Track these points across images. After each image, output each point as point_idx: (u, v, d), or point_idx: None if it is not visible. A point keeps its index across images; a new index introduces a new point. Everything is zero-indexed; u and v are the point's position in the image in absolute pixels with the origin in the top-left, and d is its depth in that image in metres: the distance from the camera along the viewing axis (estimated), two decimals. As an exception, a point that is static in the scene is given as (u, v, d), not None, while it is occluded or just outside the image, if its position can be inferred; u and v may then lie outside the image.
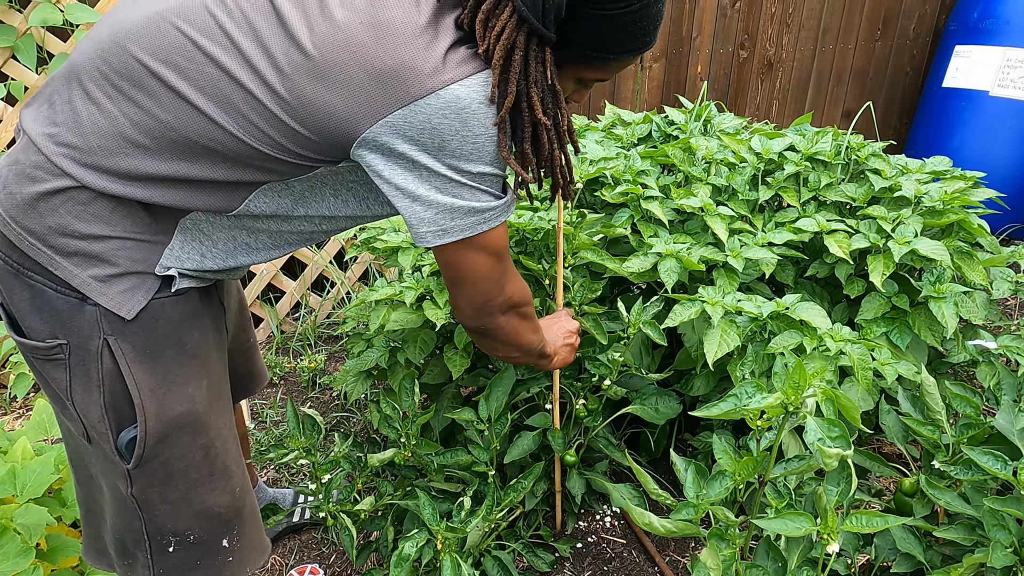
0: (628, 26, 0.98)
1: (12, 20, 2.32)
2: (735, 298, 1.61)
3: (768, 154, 1.94)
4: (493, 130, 0.96)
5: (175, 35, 0.95)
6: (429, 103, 0.91)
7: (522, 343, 1.24)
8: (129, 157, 0.97)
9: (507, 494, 1.59)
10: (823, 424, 0.93)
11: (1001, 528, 1.22)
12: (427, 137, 0.93)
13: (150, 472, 1.09)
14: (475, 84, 0.93)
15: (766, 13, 3.48)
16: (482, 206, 1.00)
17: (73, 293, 1.01)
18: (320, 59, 0.91)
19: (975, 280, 1.75)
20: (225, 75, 0.94)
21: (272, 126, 0.95)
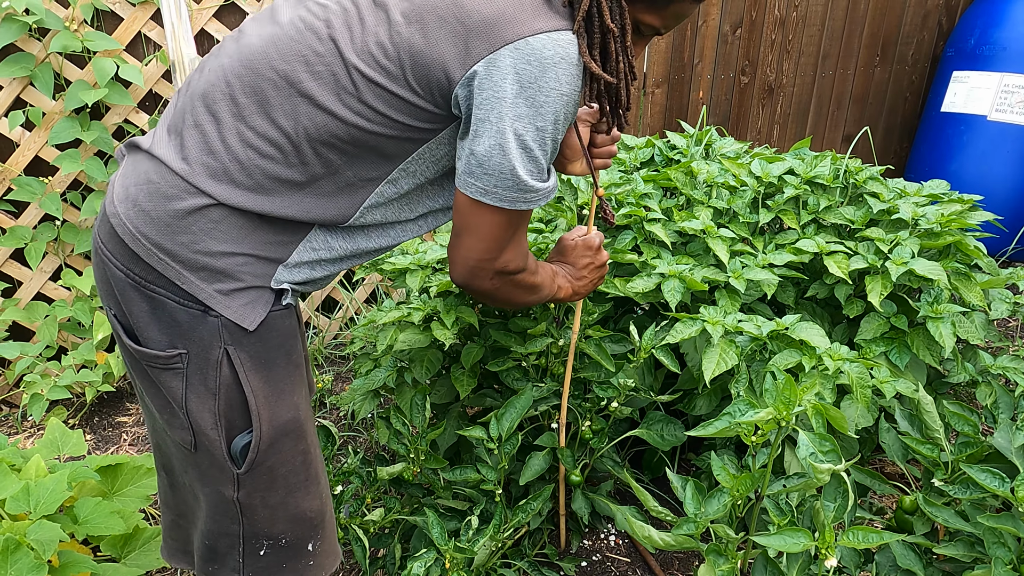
0: None
1: (31, 48, 2.38)
2: (736, 318, 1.64)
3: (768, 178, 1.98)
4: (566, 92, 1.02)
5: (290, 43, 1.05)
6: (518, 48, 0.98)
7: (515, 302, 1.28)
8: (259, 170, 1.05)
9: (515, 514, 1.61)
10: (815, 439, 0.95)
11: (1001, 545, 1.24)
12: (510, 81, 0.99)
13: (257, 476, 1.15)
14: (561, 39, 1.01)
15: (766, 40, 3.54)
16: (531, 184, 1.05)
17: (197, 305, 1.07)
18: (416, 11, 1.01)
19: (972, 301, 1.78)
20: (338, 58, 1.03)
21: (382, 100, 1.03)
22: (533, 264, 1.26)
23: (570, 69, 1.02)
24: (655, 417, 1.75)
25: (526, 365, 1.76)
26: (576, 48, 1.03)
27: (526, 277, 1.24)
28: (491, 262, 1.14)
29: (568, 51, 1.02)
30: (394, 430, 1.67)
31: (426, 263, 1.85)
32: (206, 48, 2.68)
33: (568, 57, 1.02)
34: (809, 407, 0.97)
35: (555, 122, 1.04)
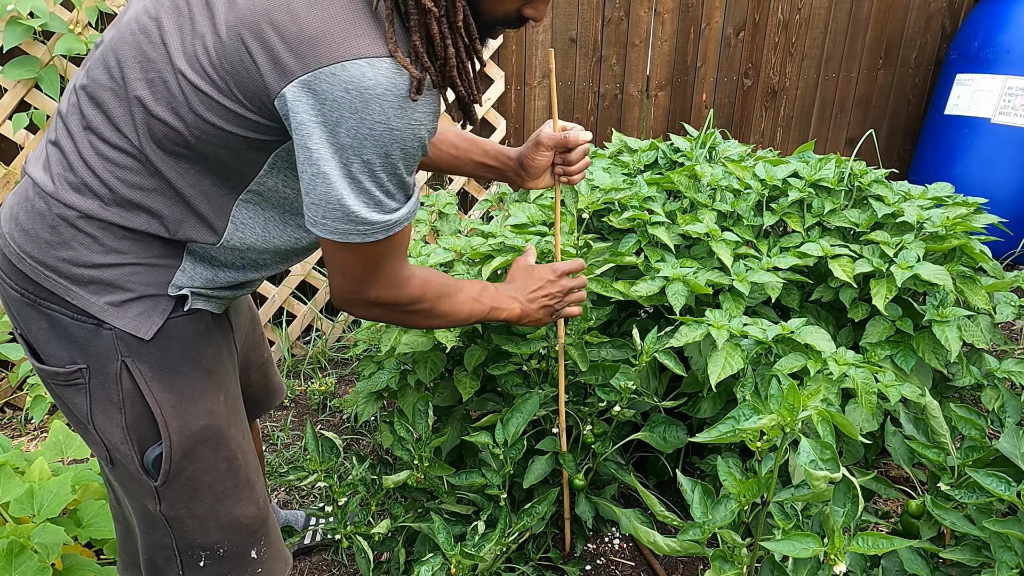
0: None
1: (36, 51, 2.39)
2: (741, 321, 1.64)
3: (772, 181, 1.98)
4: (396, 126, 0.91)
5: (124, 47, 0.98)
6: (335, 73, 0.87)
7: (418, 325, 1.24)
8: (118, 182, 0.99)
9: (520, 519, 1.61)
10: (816, 446, 0.95)
11: (1007, 550, 1.23)
12: (327, 108, 0.89)
13: (177, 487, 1.11)
14: (383, 67, 0.88)
15: (769, 43, 3.54)
16: (365, 216, 0.96)
17: (90, 320, 1.03)
18: (240, 16, 0.91)
19: (978, 304, 1.78)
20: (168, 64, 0.95)
21: (213, 111, 0.94)
22: (425, 291, 1.16)
23: (398, 102, 0.90)
24: (657, 420, 1.75)
25: (527, 369, 1.75)
26: (406, 77, 0.91)
27: (414, 306, 1.16)
28: (358, 294, 1.08)
29: (395, 82, 0.89)
30: (398, 436, 1.66)
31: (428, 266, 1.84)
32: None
33: (395, 88, 0.89)
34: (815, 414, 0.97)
35: (386, 156, 0.93)
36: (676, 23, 3.35)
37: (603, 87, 3.35)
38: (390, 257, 1.05)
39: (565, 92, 3.30)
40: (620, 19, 3.26)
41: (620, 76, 3.36)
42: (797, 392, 0.93)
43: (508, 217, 1.98)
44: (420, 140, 0.95)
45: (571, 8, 3.17)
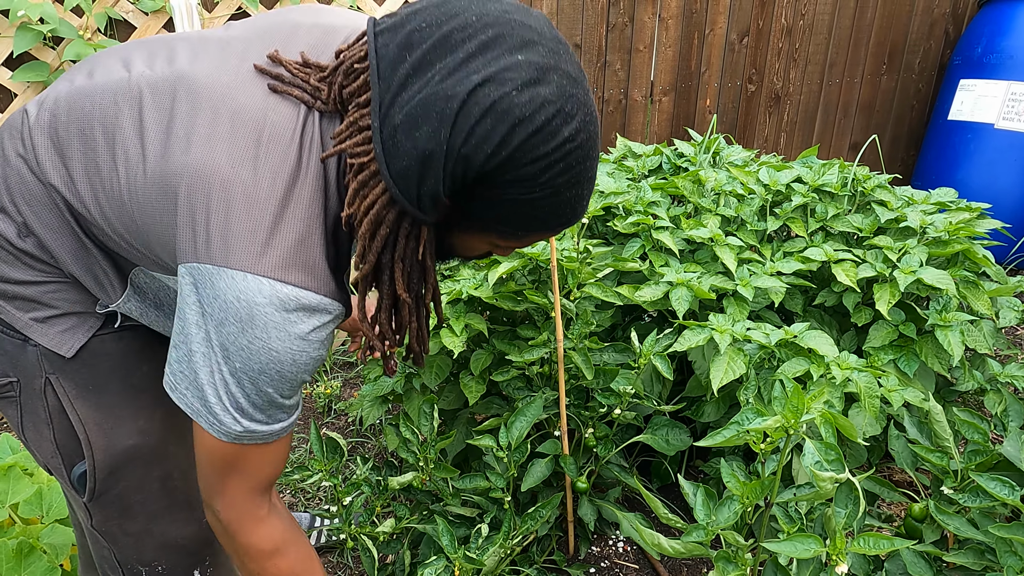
0: (535, 211, 0.85)
1: (46, 56, 2.41)
2: (744, 326, 1.65)
3: (776, 186, 1.99)
4: (274, 347, 0.87)
5: (82, 114, 0.95)
6: (234, 278, 0.84)
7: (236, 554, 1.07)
8: (37, 220, 0.96)
9: (524, 522, 1.62)
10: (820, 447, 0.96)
11: (1012, 555, 1.24)
12: (216, 307, 0.86)
13: (106, 505, 1.10)
14: (289, 295, 0.85)
15: (773, 48, 3.55)
16: (221, 417, 0.91)
17: (16, 335, 1.02)
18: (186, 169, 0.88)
19: (980, 309, 1.78)
20: (105, 155, 0.93)
21: (121, 222, 0.93)
22: (284, 551, 1.04)
23: (302, 345, 0.87)
24: (660, 422, 1.75)
25: (529, 374, 1.76)
26: (310, 336, 0.88)
27: (264, 562, 1.03)
28: (206, 495, 1.01)
29: (287, 306, 0.86)
30: (403, 438, 1.67)
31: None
32: (217, 56, 2.70)
33: (286, 315, 0.86)
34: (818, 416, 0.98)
35: (258, 373, 0.88)
36: (680, 29, 3.36)
37: (607, 92, 3.37)
38: (240, 472, 0.97)
39: (569, 97, 3.31)
40: (624, 25, 3.27)
41: (624, 81, 3.37)
42: (801, 394, 0.94)
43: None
44: (302, 368, 0.90)
45: (575, 14, 3.19)
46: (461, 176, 0.80)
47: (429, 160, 0.79)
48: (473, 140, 0.77)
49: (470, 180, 0.81)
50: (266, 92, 0.90)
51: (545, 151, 0.79)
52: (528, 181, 0.80)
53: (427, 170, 0.80)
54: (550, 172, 0.80)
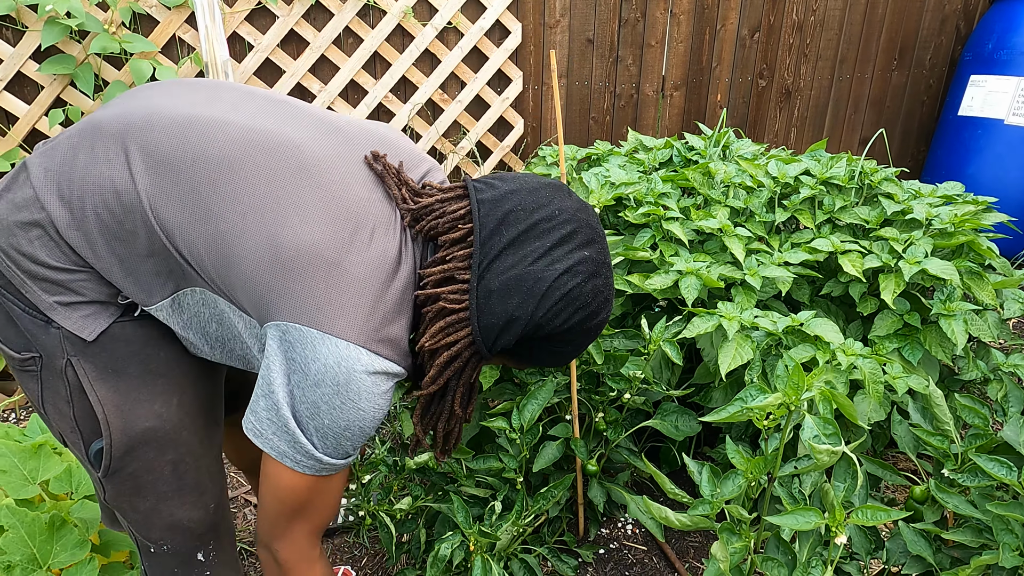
0: (557, 359, 1.13)
1: (71, 50, 2.48)
2: (752, 314, 1.69)
3: (784, 178, 2.03)
4: (363, 412, 0.99)
5: (182, 146, 1.02)
6: (337, 345, 0.96)
7: None
8: (96, 219, 1.02)
9: (536, 502, 1.67)
10: (819, 423, 1.01)
11: (1008, 532, 1.28)
12: (314, 368, 0.96)
13: (119, 482, 1.15)
14: (380, 366, 0.98)
15: (784, 44, 3.58)
16: (302, 442, 1.00)
17: (40, 316, 1.06)
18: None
19: (984, 300, 1.82)
20: (201, 199, 1.00)
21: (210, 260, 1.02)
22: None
23: (381, 403, 1.00)
24: (669, 408, 1.80)
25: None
26: (387, 394, 1.01)
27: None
28: (270, 533, 1.11)
29: (381, 387, 1.00)
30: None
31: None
32: (237, 50, 2.76)
33: (384, 398, 1.00)
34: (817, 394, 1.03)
35: (346, 428, 1.00)
36: (692, 24, 3.40)
37: (619, 87, 3.41)
38: (308, 512, 1.08)
39: (582, 92, 3.36)
40: (637, 20, 3.31)
41: (636, 76, 3.41)
42: (802, 372, 0.99)
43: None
44: (374, 423, 1.03)
45: (588, 9, 3.23)
46: (529, 337, 1.06)
47: (513, 323, 1.03)
48: (549, 315, 1.03)
49: (531, 339, 1.07)
50: (373, 185, 1.06)
51: (588, 327, 1.08)
52: (568, 344, 1.10)
53: (508, 329, 1.04)
54: (584, 339, 1.11)
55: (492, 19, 3.06)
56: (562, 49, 3.24)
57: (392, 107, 3.06)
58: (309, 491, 1.05)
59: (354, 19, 2.88)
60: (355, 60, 2.92)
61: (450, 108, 3.13)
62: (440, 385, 1.07)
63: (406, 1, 2.92)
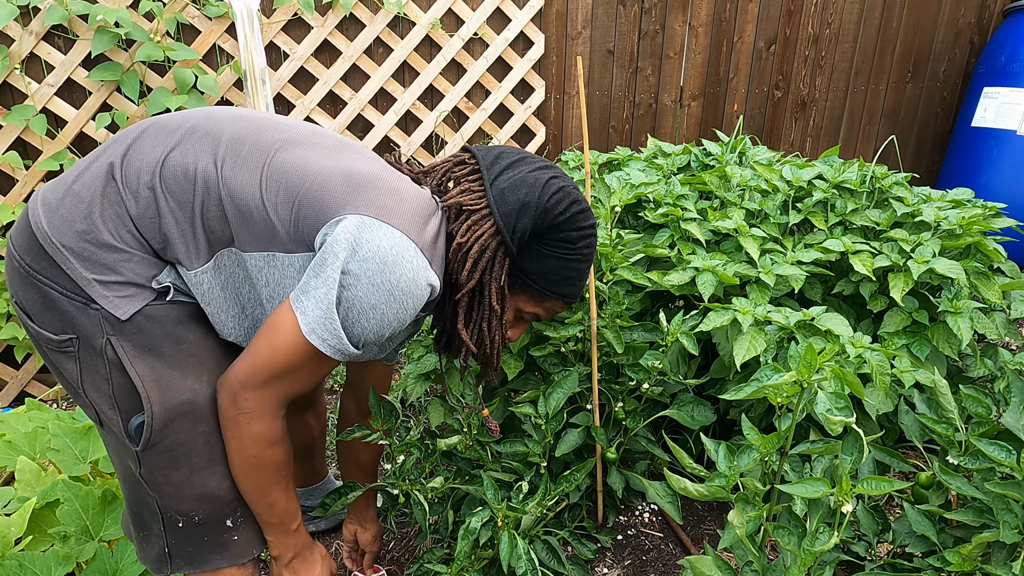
0: (563, 270, 1.33)
1: (118, 57, 2.61)
2: (766, 309, 1.77)
3: (798, 182, 2.12)
4: (394, 297, 1.14)
5: (246, 128, 1.23)
6: (395, 234, 1.14)
7: (230, 452, 1.26)
8: (153, 189, 1.16)
9: (559, 484, 1.76)
10: (831, 397, 1.09)
11: (1008, 511, 1.36)
12: (368, 247, 1.11)
13: (156, 455, 1.22)
14: (423, 264, 1.17)
15: (799, 56, 3.67)
16: (322, 303, 1.13)
17: (79, 297, 1.14)
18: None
19: (990, 298, 1.89)
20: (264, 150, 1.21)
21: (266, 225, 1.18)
22: (272, 442, 1.25)
23: (411, 301, 1.17)
24: (686, 399, 1.89)
25: (564, 351, 1.91)
26: (420, 299, 1.17)
27: (270, 455, 1.25)
28: (244, 382, 1.19)
29: (422, 277, 1.17)
30: (448, 406, 1.82)
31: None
32: (274, 59, 2.89)
33: (415, 298, 1.16)
34: (829, 371, 1.11)
35: (373, 308, 1.14)
36: (709, 37, 3.50)
37: (639, 96, 3.51)
38: (291, 378, 1.19)
39: (602, 101, 3.46)
40: (656, 32, 3.42)
41: (655, 86, 3.51)
42: (814, 352, 1.07)
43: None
44: (395, 321, 1.17)
45: (609, 22, 3.34)
46: (541, 222, 1.28)
47: (526, 208, 1.27)
48: (551, 202, 1.28)
49: (542, 229, 1.29)
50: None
51: (583, 225, 1.32)
52: (570, 244, 1.32)
53: (523, 214, 1.27)
54: (582, 243, 1.33)
55: (516, 30, 3.17)
56: (584, 59, 3.35)
57: (419, 114, 3.17)
58: (304, 360, 1.17)
59: (384, 30, 3.00)
60: (385, 69, 3.05)
61: (475, 115, 3.25)
62: (476, 280, 1.26)
63: (434, 13, 3.04)
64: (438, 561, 1.78)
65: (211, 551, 1.34)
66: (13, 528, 1.64)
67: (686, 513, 2.09)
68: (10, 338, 2.61)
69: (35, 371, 2.80)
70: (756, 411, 1.94)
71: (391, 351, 1.47)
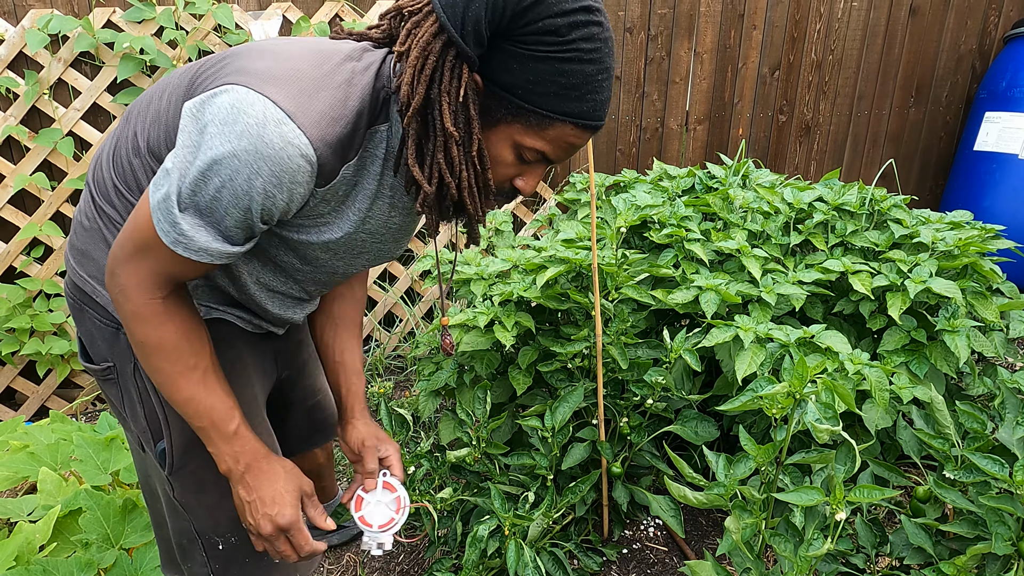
0: (558, 76, 0.94)
1: (142, 83, 2.71)
2: (767, 327, 1.83)
3: (799, 204, 2.18)
4: (238, 161, 0.92)
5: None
6: (237, 91, 0.94)
7: (133, 343, 1.09)
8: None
9: (564, 496, 1.81)
10: (820, 407, 1.14)
11: (1001, 523, 1.40)
12: (209, 111, 0.94)
13: (183, 479, 1.23)
14: (276, 116, 0.93)
15: (803, 81, 3.75)
16: (172, 176, 0.95)
17: (110, 323, 1.16)
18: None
19: (987, 317, 1.94)
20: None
21: None
22: (161, 321, 1.05)
23: (263, 167, 0.93)
24: (689, 415, 1.93)
25: (571, 367, 1.96)
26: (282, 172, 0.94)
27: (134, 322, 1.05)
28: (115, 259, 1.04)
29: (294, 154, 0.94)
30: (458, 420, 1.88)
31: (488, 275, 2.08)
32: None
33: (268, 159, 0.92)
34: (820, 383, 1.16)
35: (217, 179, 0.93)
36: (714, 63, 3.58)
37: (645, 121, 3.59)
38: (153, 259, 1.01)
39: (609, 125, 3.55)
40: (662, 59, 3.50)
41: (661, 111, 3.59)
42: (806, 364, 1.13)
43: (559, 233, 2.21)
44: (246, 193, 0.94)
45: (616, 48, 3.43)
46: (500, 7, 0.91)
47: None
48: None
49: (507, 19, 0.92)
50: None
51: (570, 8, 0.92)
52: (556, 37, 0.92)
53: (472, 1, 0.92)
54: (575, 33, 0.93)
55: (526, 57, 3.26)
56: (591, 85, 3.43)
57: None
58: (154, 238, 0.99)
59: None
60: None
61: (485, 139, 3.32)
62: (421, 96, 0.95)
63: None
64: (447, 571, 1.82)
65: (258, 572, 1.33)
66: (38, 535, 1.70)
67: (690, 528, 2.13)
68: (33, 353, 2.68)
69: (55, 386, 2.87)
70: (759, 426, 1.99)
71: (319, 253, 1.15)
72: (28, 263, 2.74)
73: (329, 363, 1.45)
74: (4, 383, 2.81)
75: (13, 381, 2.83)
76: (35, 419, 2.90)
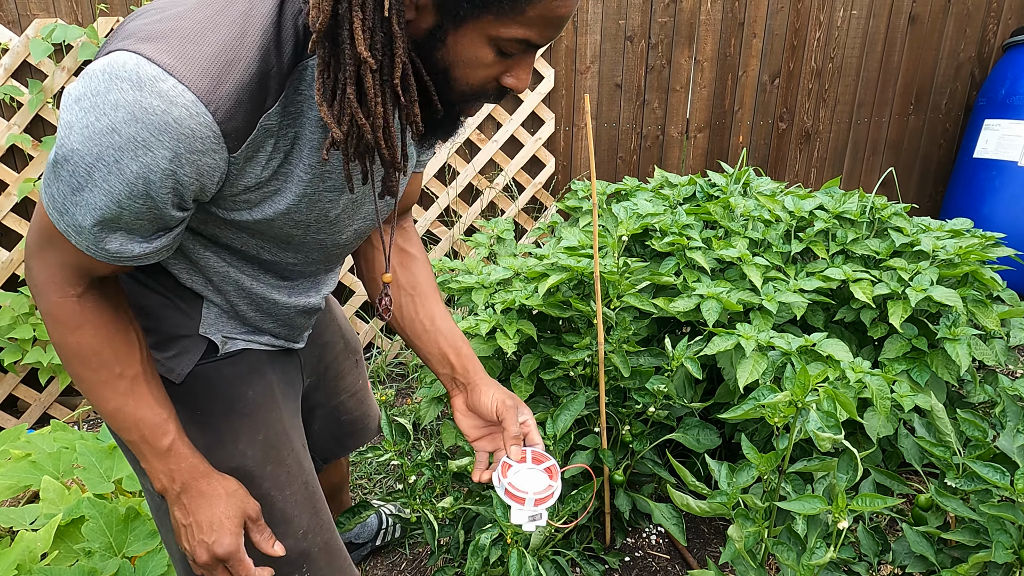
0: None
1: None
2: (769, 335, 1.83)
3: (800, 212, 2.19)
4: (99, 125, 0.78)
5: None
6: (109, 56, 0.79)
7: (52, 340, 0.99)
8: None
9: (567, 504, 1.81)
10: (822, 416, 1.15)
11: (1002, 531, 1.40)
12: (79, 85, 0.81)
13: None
14: (150, 73, 0.77)
15: (803, 89, 3.76)
16: (51, 171, 0.84)
17: None
18: None
19: (988, 325, 1.94)
20: None
21: None
22: (81, 323, 0.96)
23: (126, 127, 0.78)
24: (691, 423, 1.94)
25: (573, 375, 1.97)
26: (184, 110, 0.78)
27: (54, 326, 0.97)
28: (28, 248, 0.96)
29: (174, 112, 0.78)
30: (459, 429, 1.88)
31: (489, 283, 2.08)
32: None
33: (136, 121, 0.77)
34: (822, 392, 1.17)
35: (80, 152, 0.80)
36: (715, 71, 3.60)
37: (646, 128, 3.60)
38: (57, 249, 0.91)
39: (610, 133, 3.56)
40: (662, 67, 3.52)
41: (662, 119, 3.61)
42: (807, 372, 1.13)
43: (560, 241, 2.22)
44: (114, 158, 0.79)
45: (616, 56, 3.44)
46: None
47: None
48: None
49: None
50: None
51: None
52: None
53: None
54: None
55: (527, 65, 3.27)
56: (592, 93, 3.45)
57: (432, 146, 3.27)
58: (51, 227, 0.90)
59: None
60: (399, 102, 3.15)
61: (486, 147, 3.34)
62: (327, 13, 0.77)
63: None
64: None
65: None
66: (39, 543, 1.70)
67: (692, 536, 2.13)
68: (34, 362, 2.69)
69: (57, 393, 2.88)
70: (760, 434, 1.99)
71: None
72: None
73: (422, 336, 1.28)
74: (6, 391, 2.81)
75: (15, 389, 2.83)
76: (37, 427, 2.90)
